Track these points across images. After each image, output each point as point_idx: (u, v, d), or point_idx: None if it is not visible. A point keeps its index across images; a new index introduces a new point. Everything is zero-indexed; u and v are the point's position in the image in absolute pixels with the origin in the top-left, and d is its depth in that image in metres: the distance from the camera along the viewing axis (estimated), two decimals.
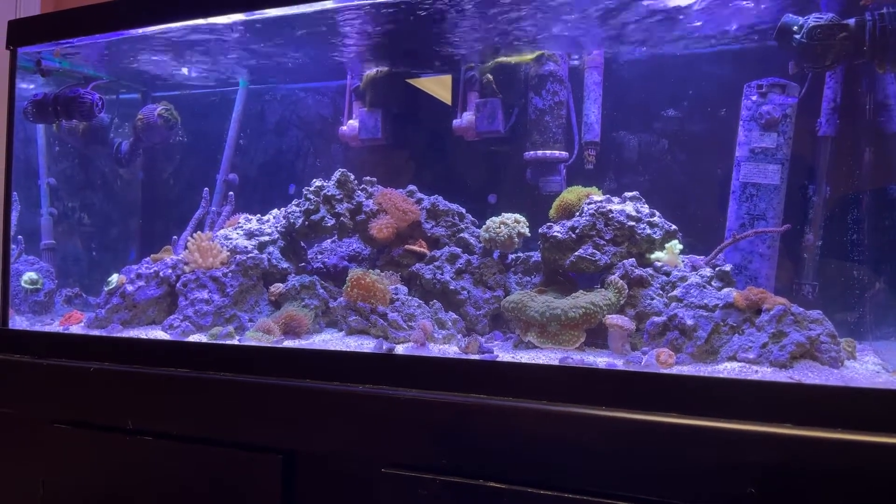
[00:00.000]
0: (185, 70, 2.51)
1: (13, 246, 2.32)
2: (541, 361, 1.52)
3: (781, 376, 1.35)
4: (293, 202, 2.17)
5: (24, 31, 2.08)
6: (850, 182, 1.84)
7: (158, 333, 1.94)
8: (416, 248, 2.08)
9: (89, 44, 2.20)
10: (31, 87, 2.50)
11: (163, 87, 2.73)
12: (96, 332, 1.98)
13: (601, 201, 1.87)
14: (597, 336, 1.72)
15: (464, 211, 2.17)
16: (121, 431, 1.66)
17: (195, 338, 1.88)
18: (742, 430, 1.15)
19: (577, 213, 1.89)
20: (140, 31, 2.01)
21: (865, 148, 1.80)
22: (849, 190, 1.84)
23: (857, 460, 1.09)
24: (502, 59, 2.22)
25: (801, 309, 1.51)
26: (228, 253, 2.08)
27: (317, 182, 2.15)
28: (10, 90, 2.07)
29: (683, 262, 1.79)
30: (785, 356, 1.42)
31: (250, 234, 2.19)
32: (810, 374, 1.37)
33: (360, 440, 1.43)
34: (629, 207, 1.84)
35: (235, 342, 1.80)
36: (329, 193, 2.11)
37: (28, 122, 2.50)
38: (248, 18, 1.90)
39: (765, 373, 1.38)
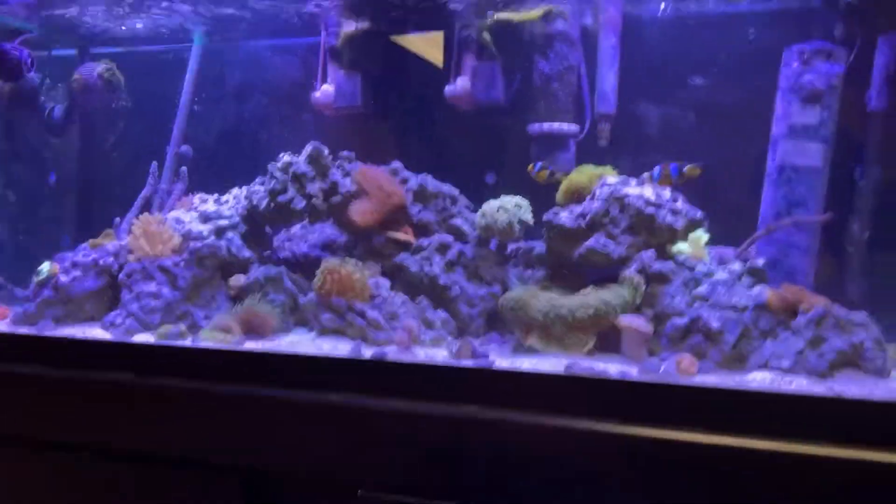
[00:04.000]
0: (130, 22, 2.49)
1: None
2: (543, 368, 1.53)
3: (820, 388, 1.37)
4: (256, 180, 2.16)
5: None
6: None
7: (98, 332, 1.94)
8: (400, 235, 2.08)
9: None
10: None
11: (104, 42, 2.71)
12: (24, 331, 1.98)
13: (616, 184, 1.88)
14: (609, 340, 1.73)
15: (457, 193, 2.18)
16: (51, 447, 1.65)
17: (141, 337, 1.88)
18: (774, 450, 1.16)
19: (589, 197, 1.89)
20: None
21: None
22: None
23: None
24: (503, 15, 2.21)
25: (844, 311, 1.53)
26: (180, 239, 2.07)
27: (285, 157, 2.14)
28: None
29: (710, 255, 1.81)
30: (824, 365, 1.43)
31: (206, 218, 2.18)
32: (853, 386, 1.39)
33: (333, 457, 1.44)
34: (648, 191, 1.85)
35: (188, 343, 1.80)
36: (299, 171, 2.11)
37: None
38: None
39: (800, 383, 1.40)
